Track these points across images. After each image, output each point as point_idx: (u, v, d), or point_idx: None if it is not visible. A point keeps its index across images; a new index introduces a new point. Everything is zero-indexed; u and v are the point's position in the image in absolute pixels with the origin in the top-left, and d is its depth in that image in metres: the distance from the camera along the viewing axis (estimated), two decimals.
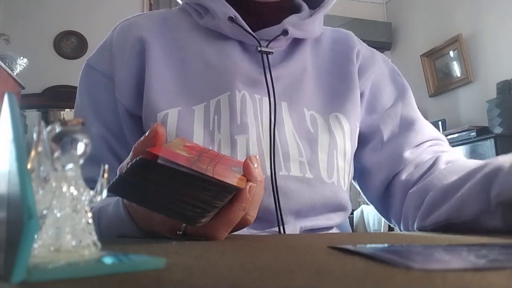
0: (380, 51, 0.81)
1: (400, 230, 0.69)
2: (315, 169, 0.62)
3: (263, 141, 0.61)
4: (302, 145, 0.63)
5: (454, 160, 0.66)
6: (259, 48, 0.65)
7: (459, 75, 3.72)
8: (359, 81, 0.72)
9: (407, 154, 0.68)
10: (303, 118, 0.65)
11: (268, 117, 0.62)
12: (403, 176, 0.67)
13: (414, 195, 0.64)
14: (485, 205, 0.50)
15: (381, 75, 0.75)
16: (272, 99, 0.63)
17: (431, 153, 0.68)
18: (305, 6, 0.73)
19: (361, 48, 0.76)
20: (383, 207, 0.72)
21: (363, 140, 0.71)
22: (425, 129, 0.71)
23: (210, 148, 0.59)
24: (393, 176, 0.69)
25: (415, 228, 0.63)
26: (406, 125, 0.70)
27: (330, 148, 0.64)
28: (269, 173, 0.59)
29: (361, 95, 0.72)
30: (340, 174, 0.65)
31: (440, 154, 0.67)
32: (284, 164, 0.61)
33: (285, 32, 0.66)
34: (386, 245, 0.33)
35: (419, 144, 0.69)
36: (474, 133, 3.06)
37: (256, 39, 0.65)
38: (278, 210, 0.58)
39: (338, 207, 0.65)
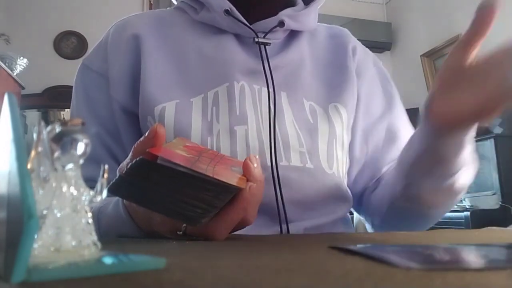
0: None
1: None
2: (316, 159, 0.62)
3: (263, 131, 0.61)
4: (302, 135, 0.62)
5: None
6: (256, 40, 0.65)
7: None
8: (358, 81, 0.72)
9: (385, 169, 0.71)
10: (303, 108, 0.65)
11: (267, 107, 0.62)
12: (373, 184, 0.72)
13: (376, 193, 0.70)
14: (424, 137, 0.54)
15: (373, 81, 0.76)
16: (271, 89, 0.62)
17: None
18: (299, 1, 0.74)
19: (357, 46, 0.76)
20: (358, 209, 0.75)
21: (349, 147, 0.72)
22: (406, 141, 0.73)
23: (209, 139, 0.59)
24: (368, 186, 0.73)
25: (387, 207, 0.67)
26: (390, 139, 0.72)
27: (330, 138, 0.64)
28: (269, 164, 0.58)
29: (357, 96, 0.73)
30: (339, 165, 0.65)
31: None
32: (285, 154, 0.60)
33: (281, 24, 0.66)
34: (386, 245, 0.33)
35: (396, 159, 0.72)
36: (474, 133, 3.05)
37: (253, 30, 0.65)
38: (280, 200, 0.58)
39: (340, 198, 0.65)
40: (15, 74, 2.96)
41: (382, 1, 4.59)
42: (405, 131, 0.73)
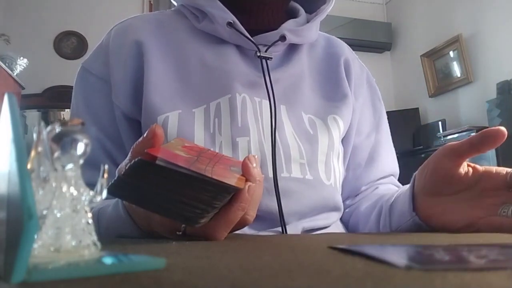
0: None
1: None
2: (315, 170, 0.63)
3: (265, 143, 0.61)
4: (303, 146, 0.63)
5: (382, 189, 0.72)
6: (258, 54, 0.65)
7: (459, 75, 3.72)
8: (354, 102, 0.74)
9: (364, 188, 0.73)
10: (302, 121, 0.66)
11: (268, 120, 0.62)
12: (346, 202, 0.73)
13: (351, 213, 0.72)
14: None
15: (366, 99, 0.77)
16: (272, 102, 0.63)
17: (376, 185, 0.73)
18: (302, 11, 0.74)
19: (351, 60, 0.77)
20: None
21: None
22: (386, 164, 0.75)
23: (209, 149, 0.59)
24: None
25: None
26: (372, 159, 0.74)
27: (328, 150, 0.65)
28: (271, 175, 0.59)
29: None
30: (336, 176, 0.66)
31: (378, 186, 0.73)
32: (286, 165, 0.61)
33: (282, 38, 0.67)
34: (386, 245, 0.33)
35: (376, 180, 0.74)
36: (474, 133, 3.05)
37: (254, 44, 0.65)
38: (280, 212, 0.58)
39: (334, 208, 0.66)
40: (15, 74, 2.96)
41: (382, 1, 4.60)
42: (387, 154, 0.76)
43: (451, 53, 3.79)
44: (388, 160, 0.76)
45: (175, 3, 0.75)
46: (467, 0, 3.62)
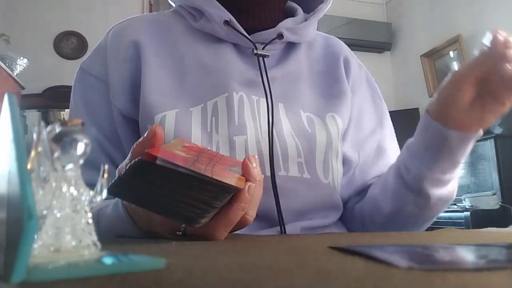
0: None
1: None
2: (312, 169, 0.63)
3: (262, 142, 0.61)
4: (300, 145, 0.63)
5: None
6: (255, 51, 0.65)
7: None
8: (352, 98, 0.73)
9: (372, 181, 0.73)
10: (300, 119, 0.66)
11: (265, 118, 0.62)
12: (357, 196, 0.73)
13: (362, 207, 0.71)
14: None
15: (365, 96, 0.77)
16: (269, 100, 0.63)
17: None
18: (300, 10, 0.74)
19: (351, 59, 0.77)
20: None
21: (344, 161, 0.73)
22: (392, 160, 0.74)
23: (209, 149, 0.59)
24: (351, 198, 0.74)
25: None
26: (379, 154, 0.74)
27: (327, 148, 0.65)
28: (269, 174, 0.59)
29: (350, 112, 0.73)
30: (334, 175, 0.66)
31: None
32: (283, 164, 0.61)
33: (280, 36, 0.67)
34: (386, 245, 0.34)
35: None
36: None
37: (252, 42, 0.65)
38: (279, 210, 0.58)
39: (333, 207, 0.66)
40: (15, 74, 2.96)
41: (382, 1, 4.59)
42: (393, 149, 0.76)
43: (451, 53, 3.78)
44: (394, 156, 0.75)
45: (173, 4, 0.75)
46: (467, 0, 3.62)
